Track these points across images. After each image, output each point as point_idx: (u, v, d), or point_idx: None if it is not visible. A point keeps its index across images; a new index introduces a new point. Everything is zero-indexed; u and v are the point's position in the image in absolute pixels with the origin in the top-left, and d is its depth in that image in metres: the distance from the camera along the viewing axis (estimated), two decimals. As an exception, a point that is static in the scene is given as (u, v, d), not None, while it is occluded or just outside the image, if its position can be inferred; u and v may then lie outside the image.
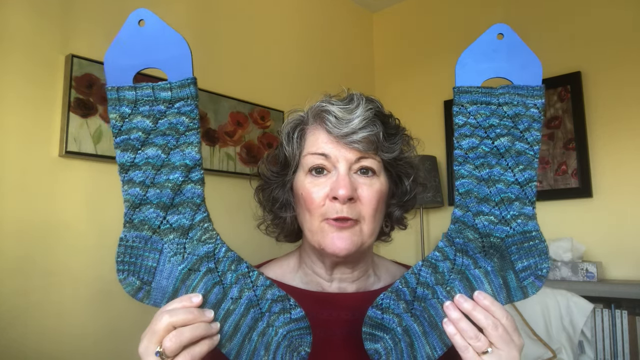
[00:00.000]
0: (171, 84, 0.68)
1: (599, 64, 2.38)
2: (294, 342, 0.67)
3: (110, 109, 0.68)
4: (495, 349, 0.65)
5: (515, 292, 0.69)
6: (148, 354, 0.61)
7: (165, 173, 0.68)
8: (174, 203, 0.69)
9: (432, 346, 0.68)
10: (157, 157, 0.68)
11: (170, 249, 0.69)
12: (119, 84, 0.68)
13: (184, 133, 0.68)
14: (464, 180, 0.70)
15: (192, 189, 0.68)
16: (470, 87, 0.69)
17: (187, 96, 0.68)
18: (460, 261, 0.70)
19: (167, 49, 0.68)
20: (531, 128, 0.69)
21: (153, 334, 0.61)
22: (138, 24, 0.68)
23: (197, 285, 0.68)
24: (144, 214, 0.69)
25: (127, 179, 0.68)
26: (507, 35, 0.69)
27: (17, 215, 1.58)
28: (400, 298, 0.70)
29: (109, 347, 1.74)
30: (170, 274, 0.68)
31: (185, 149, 0.68)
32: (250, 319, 0.67)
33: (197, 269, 0.68)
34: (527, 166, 0.69)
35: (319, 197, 0.79)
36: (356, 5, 3.22)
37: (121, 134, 0.68)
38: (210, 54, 2.25)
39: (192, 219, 0.69)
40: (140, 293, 0.68)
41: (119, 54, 0.68)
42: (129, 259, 0.68)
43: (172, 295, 0.68)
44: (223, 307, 0.67)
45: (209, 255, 0.69)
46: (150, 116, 0.68)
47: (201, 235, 0.69)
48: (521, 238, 0.70)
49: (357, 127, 0.78)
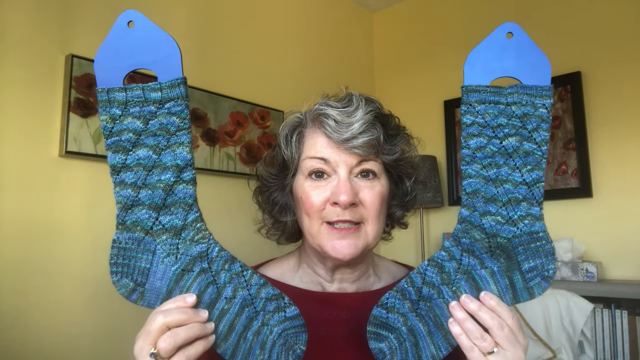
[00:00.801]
0: (161, 84, 0.68)
1: (599, 63, 2.39)
2: (289, 340, 0.67)
3: (101, 111, 0.68)
4: (501, 349, 0.64)
5: (522, 292, 0.69)
6: (143, 354, 0.61)
7: (157, 174, 0.68)
8: (166, 204, 0.68)
9: (437, 346, 0.68)
10: (148, 157, 0.68)
11: (163, 250, 0.69)
12: (109, 85, 0.68)
13: (174, 133, 0.68)
14: (471, 180, 0.69)
15: (184, 189, 0.68)
16: (479, 86, 0.69)
17: (177, 96, 0.68)
18: (466, 261, 0.70)
19: (156, 49, 0.68)
20: (539, 128, 0.68)
21: (147, 335, 0.61)
22: (127, 25, 0.68)
23: (191, 285, 0.67)
24: (136, 215, 0.68)
25: (119, 180, 0.68)
26: (517, 34, 0.68)
27: (17, 215, 1.57)
28: (406, 297, 0.70)
29: (108, 346, 1.74)
30: (164, 274, 0.68)
31: (176, 149, 0.68)
32: (245, 318, 0.67)
33: (190, 269, 0.68)
34: (535, 167, 0.68)
35: (319, 201, 0.78)
36: (356, 5, 3.22)
37: (112, 136, 0.68)
38: (211, 54, 2.24)
39: (185, 219, 0.69)
40: (134, 295, 0.68)
41: (109, 56, 0.68)
42: (122, 260, 0.68)
43: (166, 296, 0.67)
44: (217, 306, 0.67)
45: (202, 255, 0.68)
46: (141, 117, 0.68)
47: (194, 236, 0.69)
48: (528, 239, 0.69)
49: (357, 132, 0.77)
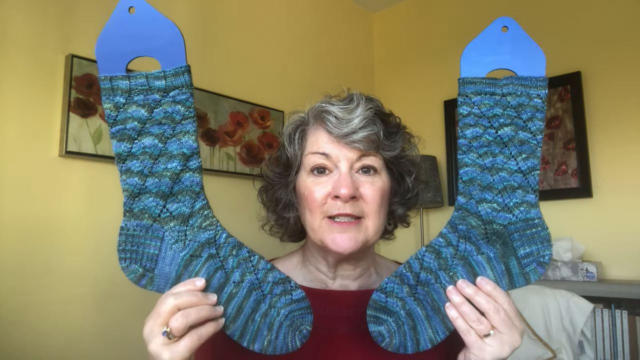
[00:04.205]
0: (165, 72, 0.67)
1: (599, 64, 2.39)
2: (295, 321, 0.69)
3: (104, 99, 0.68)
4: (497, 332, 0.65)
5: (518, 278, 0.70)
6: (154, 334, 0.62)
7: (163, 162, 0.68)
8: (173, 192, 0.69)
9: (434, 330, 0.69)
10: (154, 146, 0.68)
11: (171, 237, 0.69)
12: (111, 73, 0.67)
13: (180, 122, 0.68)
14: (468, 169, 0.71)
15: (190, 177, 0.69)
16: (475, 78, 0.70)
17: (181, 84, 0.68)
18: (463, 247, 0.71)
19: (159, 36, 0.67)
20: (534, 118, 0.69)
21: (158, 316, 0.62)
22: (128, 11, 0.67)
23: (200, 270, 0.68)
24: (144, 203, 0.69)
25: (125, 168, 0.68)
26: (512, 27, 0.70)
27: (17, 215, 1.58)
28: (404, 282, 0.71)
29: (108, 346, 1.74)
30: (173, 260, 0.69)
31: (182, 138, 0.68)
32: (253, 301, 0.68)
33: (198, 255, 0.69)
34: (530, 155, 0.70)
35: (320, 196, 0.79)
36: (356, 5, 3.23)
37: (117, 124, 0.68)
38: (211, 54, 2.25)
39: (192, 207, 0.69)
40: (144, 280, 0.68)
41: (110, 43, 0.67)
42: (130, 247, 0.69)
43: (176, 281, 0.68)
44: (226, 290, 0.68)
45: (209, 242, 0.69)
46: (145, 105, 0.68)
47: (201, 223, 0.70)
48: (523, 225, 0.70)
49: (357, 127, 0.78)
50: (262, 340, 0.67)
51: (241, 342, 0.67)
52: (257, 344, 0.67)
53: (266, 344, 0.67)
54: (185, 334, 0.62)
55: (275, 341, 0.67)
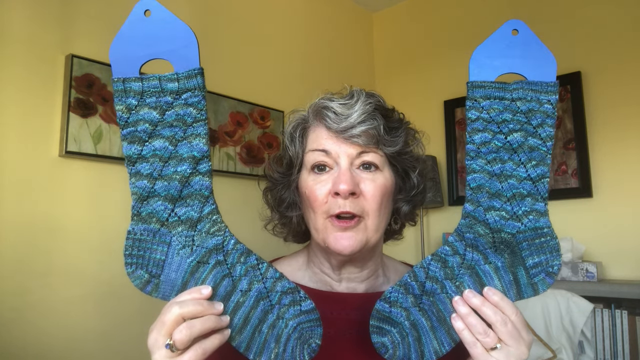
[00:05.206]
0: (178, 74, 0.67)
1: (599, 64, 2.39)
2: (304, 334, 0.67)
3: (117, 101, 0.67)
4: (504, 345, 0.64)
5: (526, 288, 0.68)
6: (157, 346, 0.60)
7: (173, 165, 0.67)
8: (182, 195, 0.68)
9: (440, 341, 0.67)
10: (164, 149, 0.67)
11: (178, 242, 0.68)
12: (125, 75, 0.67)
13: (191, 124, 0.67)
14: (476, 175, 0.69)
15: (200, 181, 0.68)
16: (484, 82, 0.68)
17: (194, 87, 0.67)
18: (470, 256, 0.69)
19: (173, 39, 0.67)
20: (544, 124, 0.68)
21: (162, 326, 0.60)
22: (144, 14, 0.67)
23: (206, 277, 0.67)
24: (152, 207, 0.68)
25: (135, 171, 0.67)
26: (522, 31, 0.68)
27: (17, 215, 1.57)
28: (409, 292, 0.69)
29: (108, 346, 1.73)
30: (179, 266, 0.68)
31: (192, 141, 0.67)
32: (260, 311, 0.67)
33: (206, 262, 0.67)
34: (540, 162, 0.68)
35: (322, 194, 0.78)
36: (356, 5, 3.22)
37: (128, 126, 0.67)
38: (211, 54, 2.24)
39: (201, 212, 0.68)
40: (149, 286, 0.67)
41: (125, 45, 0.67)
42: (137, 252, 0.67)
43: (181, 288, 0.67)
44: (232, 299, 0.66)
45: (217, 248, 0.68)
46: (157, 107, 0.67)
47: (210, 228, 0.68)
48: (532, 234, 0.69)
49: (356, 122, 0.77)
50: (270, 354, 0.65)
51: (247, 354, 0.65)
52: (264, 357, 0.65)
53: (273, 357, 0.65)
54: (189, 347, 0.60)
55: (283, 354, 0.65)
